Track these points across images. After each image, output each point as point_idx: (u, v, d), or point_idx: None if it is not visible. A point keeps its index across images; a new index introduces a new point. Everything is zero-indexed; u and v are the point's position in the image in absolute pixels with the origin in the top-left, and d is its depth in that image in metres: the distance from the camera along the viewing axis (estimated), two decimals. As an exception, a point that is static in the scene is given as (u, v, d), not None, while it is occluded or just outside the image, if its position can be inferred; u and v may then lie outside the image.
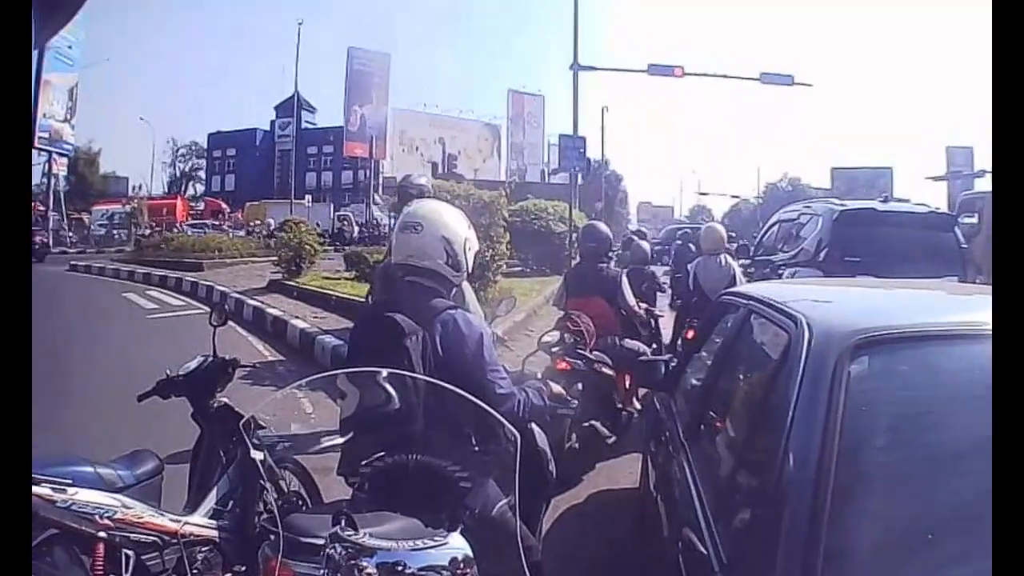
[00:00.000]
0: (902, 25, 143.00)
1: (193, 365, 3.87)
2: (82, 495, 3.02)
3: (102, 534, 3.02)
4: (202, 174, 78.94)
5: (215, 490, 3.61)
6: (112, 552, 3.06)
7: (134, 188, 61.70)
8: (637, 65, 28.97)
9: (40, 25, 1.12)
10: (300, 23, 49.86)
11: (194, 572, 3.34)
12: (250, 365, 4.51)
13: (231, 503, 3.61)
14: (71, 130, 45.12)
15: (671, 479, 3.15)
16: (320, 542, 2.03)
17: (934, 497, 1.88)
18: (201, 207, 56.35)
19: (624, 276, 7.03)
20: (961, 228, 9.02)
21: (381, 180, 48.39)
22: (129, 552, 3.13)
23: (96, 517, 3.03)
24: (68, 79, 43.36)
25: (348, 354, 3.16)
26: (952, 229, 8.73)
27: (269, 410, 3.83)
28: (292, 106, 62.23)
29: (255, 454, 2.55)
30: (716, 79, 30.97)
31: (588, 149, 24.39)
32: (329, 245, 20.40)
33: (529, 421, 3.13)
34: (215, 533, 3.48)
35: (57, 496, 2.93)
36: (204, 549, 3.45)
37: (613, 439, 6.15)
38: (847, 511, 1.80)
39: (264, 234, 31.31)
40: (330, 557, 1.97)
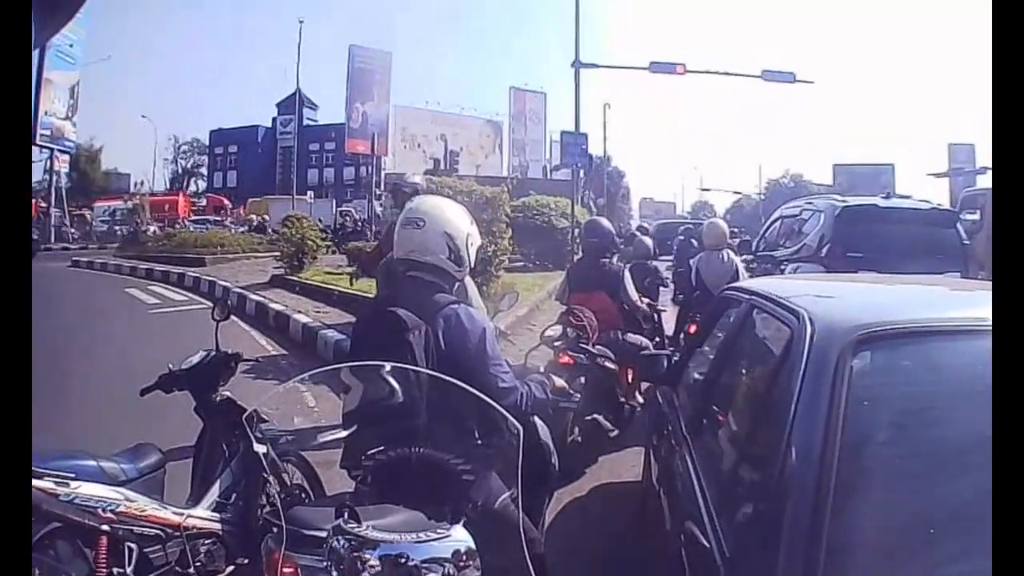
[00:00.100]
0: (904, 22, 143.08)
1: (196, 359, 3.88)
2: (85, 489, 3.02)
3: (105, 527, 3.03)
4: (204, 171, 78.96)
5: (218, 483, 3.62)
6: (115, 545, 3.07)
7: (136, 185, 61.76)
8: (639, 62, 28.81)
9: (40, 25, 1.12)
10: (302, 21, 49.82)
11: (197, 565, 3.35)
12: (253, 359, 4.49)
13: (234, 496, 3.62)
14: (73, 127, 45.20)
15: (673, 473, 3.15)
16: (323, 535, 2.02)
17: (936, 492, 1.89)
18: (203, 203, 56.33)
19: (626, 271, 7.04)
20: (963, 224, 9.03)
21: (383, 176, 48.24)
22: (132, 545, 3.14)
23: (99, 510, 3.04)
24: (70, 77, 43.39)
25: (351, 348, 3.15)
26: (954, 225, 8.73)
27: (272, 404, 3.82)
28: (294, 103, 62.18)
29: (258, 447, 2.56)
30: (718, 76, 30.89)
31: (590, 145, 24.34)
32: (330, 241, 20.34)
33: (532, 415, 3.13)
34: (218, 526, 3.49)
35: (60, 490, 2.94)
36: (207, 542, 3.46)
37: (615, 433, 6.15)
38: (849, 506, 1.80)
39: (253, 226, 31.72)
40: (333, 550, 1.97)
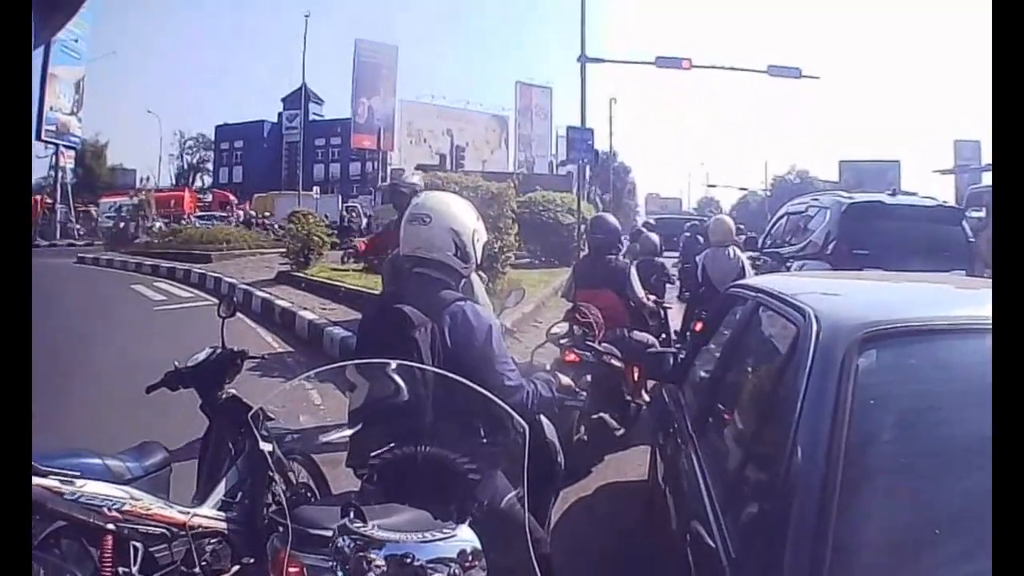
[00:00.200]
0: (910, 18, 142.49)
1: (201, 356, 3.88)
2: (90, 487, 3.02)
3: (110, 526, 3.02)
4: (210, 166, 78.92)
5: (224, 482, 3.61)
6: (120, 544, 3.06)
7: (142, 180, 61.55)
8: (645, 57, 28.70)
9: (41, 24, 1.11)
10: (307, 16, 49.55)
11: (203, 564, 3.35)
12: (258, 356, 4.48)
13: (240, 495, 3.61)
14: (78, 123, 45.29)
15: (679, 471, 3.15)
16: (329, 534, 2.02)
17: (942, 491, 1.88)
18: (209, 199, 56.38)
19: (633, 268, 7.03)
20: (968, 222, 9.01)
21: (389, 172, 48.31)
22: (137, 544, 3.14)
23: (104, 509, 3.03)
24: (75, 72, 43.52)
25: (357, 346, 3.15)
26: (960, 223, 8.73)
27: (278, 401, 3.83)
28: (299, 98, 62.13)
29: (264, 446, 2.55)
30: (724, 71, 30.90)
31: (596, 141, 24.33)
32: (336, 238, 20.34)
33: (538, 413, 3.12)
34: (224, 525, 3.49)
35: (65, 488, 2.93)
36: (213, 541, 3.45)
37: (622, 431, 6.16)
38: (855, 505, 1.80)
39: (240, 220, 31.86)
40: (339, 549, 1.96)
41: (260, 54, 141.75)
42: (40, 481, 2.85)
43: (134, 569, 3.11)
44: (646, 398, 6.49)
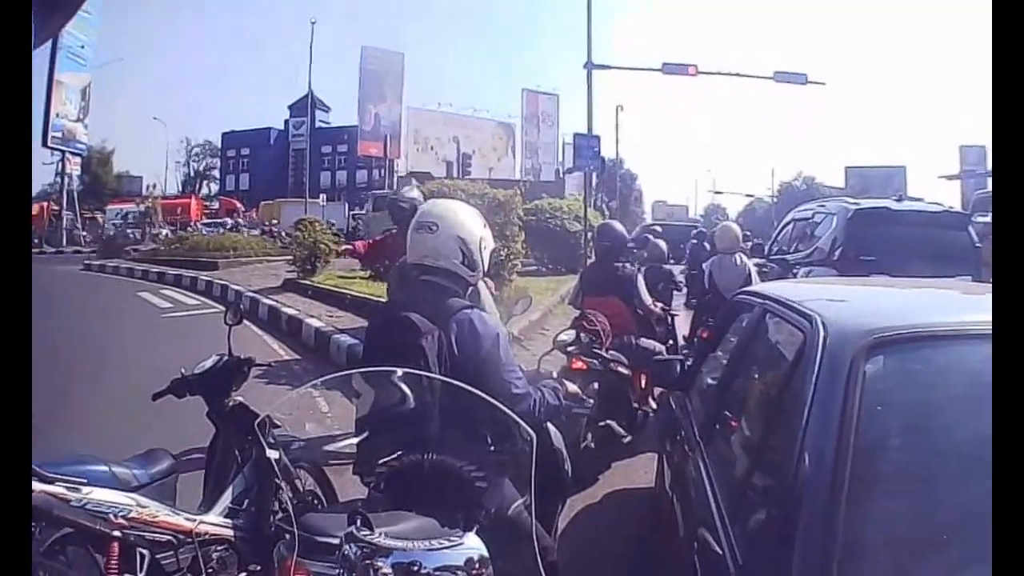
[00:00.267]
0: (915, 23, 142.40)
1: (208, 364, 3.87)
2: (96, 494, 3.01)
3: (116, 533, 3.01)
4: (216, 173, 79.16)
5: (230, 489, 3.60)
6: (127, 551, 3.05)
7: (148, 187, 61.67)
8: (651, 64, 28.80)
9: (41, 24, 1.11)
10: (313, 22, 49.67)
11: (209, 571, 3.34)
12: (265, 364, 4.50)
13: (246, 502, 3.60)
14: (84, 129, 45.43)
15: (686, 479, 3.15)
16: (335, 542, 2.02)
17: (949, 497, 1.88)
18: (216, 206, 56.53)
19: (640, 275, 7.02)
20: (974, 227, 8.97)
21: (396, 179, 48.32)
22: (144, 551, 3.13)
23: (111, 516, 3.02)
24: (81, 79, 43.68)
25: (364, 353, 3.15)
26: (966, 228, 8.70)
27: (284, 409, 3.84)
28: (306, 105, 62.06)
29: (270, 453, 2.56)
30: (730, 78, 30.89)
31: (603, 148, 24.37)
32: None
33: (545, 420, 3.11)
34: (230, 532, 3.48)
35: (71, 495, 2.93)
36: (219, 548, 3.44)
37: (629, 438, 6.14)
38: (863, 511, 1.80)
39: (228, 228, 32.21)
40: (345, 557, 1.96)
41: (266, 61, 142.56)
42: (46, 488, 2.85)
43: (140, 576, 3.11)
44: (653, 405, 6.47)
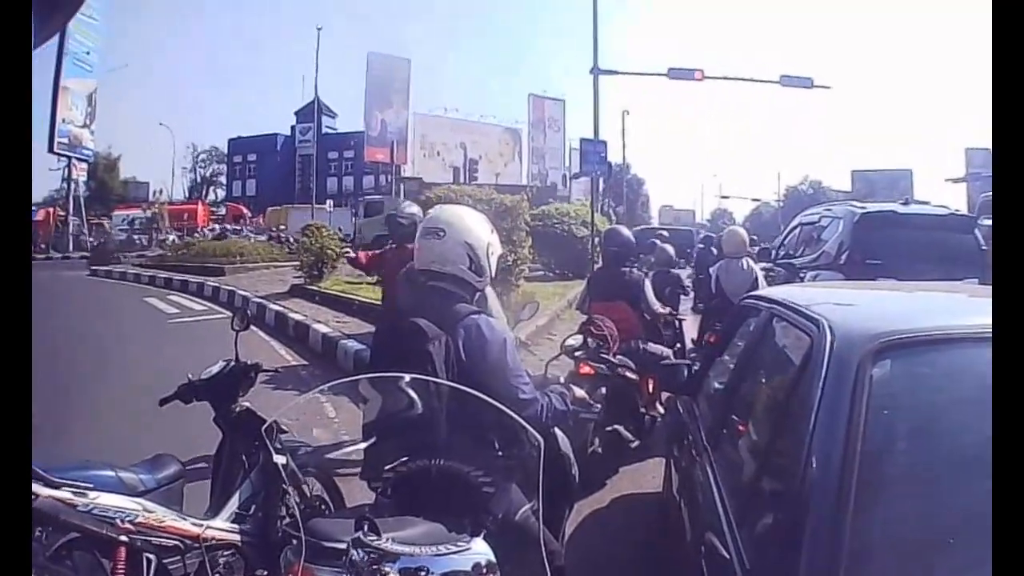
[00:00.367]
0: (921, 26, 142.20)
1: (215, 369, 3.88)
2: (103, 499, 3.02)
3: (123, 538, 3.02)
4: (223, 179, 79.36)
5: (237, 494, 3.60)
6: (133, 556, 3.06)
7: (155, 193, 61.71)
8: (657, 69, 28.74)
9: (40, 24, 1.11)
10: (320, 29, 49.96)
11: (216, 576, 3.34)
12: (272, 370, 4.47)
13: (253, 507, 3.60)
14: (90, 135, 45.56)
15: (694, 483, 3.15)
16: (342, 547, 2.02)
17: (956, 501, 1.88)
18: (223, 212, 56.63)
19: (647, 280, 7.02)
20: (981, 230, 8.94)
21: (403, 185, 48.42)
22: (151, 556, 3.13)
23: (117, 521, 3.03)
24: (87, 85, 43.94)
25: (371, 359, 3.15)
26: (972, 231, 8.66)
27: (291, 414, 3.82)
28: (312, 111, 62.17)
29: (277, 458, 2.55)
30: (736, 82, 30.93)
31: (609, 153, 24.33)
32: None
33: (552, 426, 3.10)
34: (237, 537, 3.48)
35: (79, 500, 2.94)
36: (226, 553, 3.45)
37: (636, 443, 6.13)
38: (870, 514, 1.80)
39: (216, 234, 32.82)
40: (352, 562, 1.96)
41: (273, 67, 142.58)
42: (53, 493, 2.86)
43: (147, 581, 3.12)
44: (660, 410, 6.46)
